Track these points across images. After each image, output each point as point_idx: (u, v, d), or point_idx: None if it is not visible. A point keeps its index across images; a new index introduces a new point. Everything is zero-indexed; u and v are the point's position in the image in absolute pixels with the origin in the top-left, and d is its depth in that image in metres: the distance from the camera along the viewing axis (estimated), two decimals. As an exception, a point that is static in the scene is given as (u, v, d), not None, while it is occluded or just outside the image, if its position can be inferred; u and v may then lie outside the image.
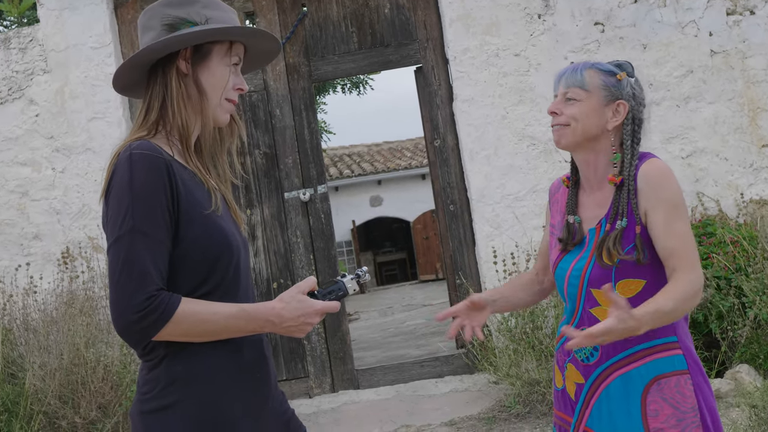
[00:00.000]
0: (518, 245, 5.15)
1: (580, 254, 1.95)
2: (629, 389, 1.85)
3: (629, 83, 1.96)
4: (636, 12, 5.31)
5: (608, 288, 1.70)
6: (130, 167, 1.52)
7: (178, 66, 1.65)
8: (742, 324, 4.34)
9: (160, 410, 1.53)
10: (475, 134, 5.29)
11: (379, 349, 7.73)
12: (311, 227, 5.46)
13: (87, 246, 5.29)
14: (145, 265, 1.48)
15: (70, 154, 5.36)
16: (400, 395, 5.24)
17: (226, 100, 1.69)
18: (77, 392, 4.51)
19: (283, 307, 1.57)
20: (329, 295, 1.66)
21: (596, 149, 1.95)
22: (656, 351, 1.86)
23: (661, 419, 1.82)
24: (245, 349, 1.62)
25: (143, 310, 1.46)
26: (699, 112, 5.28)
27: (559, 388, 2.03)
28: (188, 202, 1.56)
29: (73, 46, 5.35)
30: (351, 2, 5.53)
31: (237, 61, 1.71)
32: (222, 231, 1.60)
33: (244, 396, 1.60)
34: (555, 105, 1.96)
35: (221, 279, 1.59)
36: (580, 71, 1.95)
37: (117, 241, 1.50)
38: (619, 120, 1.93)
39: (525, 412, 4.55)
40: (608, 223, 1.90)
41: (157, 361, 1.55)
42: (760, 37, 5.28)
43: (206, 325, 1.52)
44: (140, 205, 1.50)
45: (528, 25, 5.31)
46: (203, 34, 1.64)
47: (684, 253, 1.82)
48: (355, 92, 9.19)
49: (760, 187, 5.22)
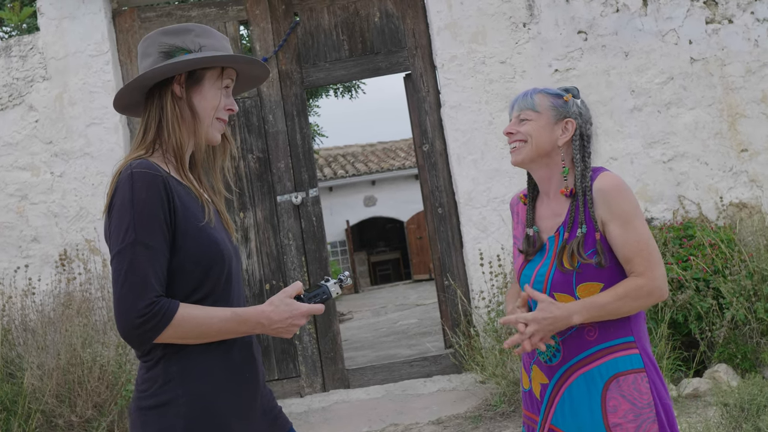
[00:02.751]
0: (504, 248, 5.29)
1: (542, 261, 2.11)
2: (590, 387, 2.00)
3: (575, 103, 2.14)
4: (618, 21, 5.46)
5: (528, 289, 2.00)
6: (132, 185, 1.67)
7: (173, 90, 1.80)
8: (720, 325, 4.49)
9: (157, 407, 1.67)
10: (462, 139, 5.44)
11: (371, 349, 7.86)
12: (303, 230, 5.60)
13: (84, 248, 5.42)
14: (146, 274, 1.63)
15: (69, 158, 5.49)
16: (389, 394, 5.38)
17: (217, 120, 1.84)
18: (74, 391, 4.63)
19: (272, 310, 1.72)
20: (314, 299, 1.81)
21: (549, 165, 2.13)
22: (614, 350, 2.01)
23: (620, 414, 1.96)
24: (236, 351, 1.76)
25: (145, 315, 1.61)
26: (680, 117, 5.43)
27: (526, 389, 2.18)
28: (184, 216, 1.71)
29: (72, 54, 5.48)
30: (342, 11, 5.67)
31: (228, 84, 1.86)
32: (215, 242, 1.75)
33: (235, 394, 1.74)
34: (510, 126, 2.16)
35: (214, 286, 1.74)
36: (531, 96, 2.15)
37: (120, 253, 1.65)
38: (568, 136, 2.11)
39: (510, 411, 4.69)
40: (566, 231, 2.06)
41: (155, 361, 1.70)
42: (738, 45, 5.44)
43: (202, 328, 1.67)
44: (141, 219, 1.65)
45: (513, 33, 5.46)
46: (195, 62, 1.79)
47: (639, 260, 1.99)
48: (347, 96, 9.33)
49: (739, 191, 5.37)
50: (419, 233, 17.93)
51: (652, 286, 1.97)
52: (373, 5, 5.67)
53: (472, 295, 5.37)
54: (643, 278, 1.97)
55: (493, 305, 5.06)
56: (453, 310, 5.52)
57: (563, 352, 2.04)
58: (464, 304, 5.42)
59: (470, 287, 5.41)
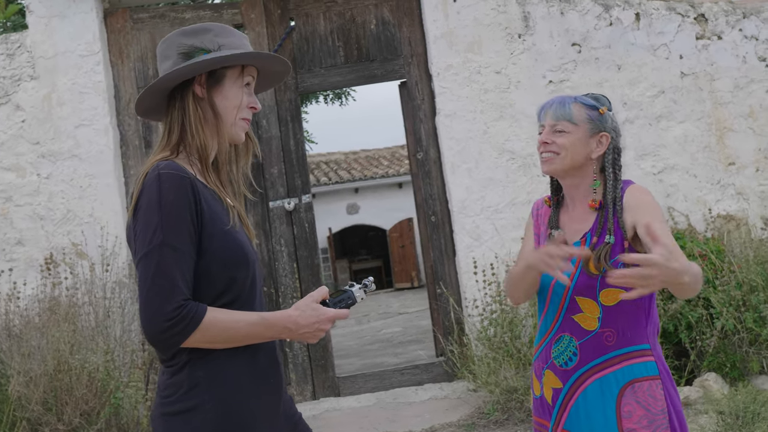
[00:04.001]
0: (498, 256, 5.31)
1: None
2: (605, 392, 2.01)
3: (610, 116, 2.14)
4: (611, 34, 5.51)
5: (583, 250, 1.90)
6: (159, 186, 1.64)
7: (194, 91, 1.78)
8: (710, 334, 4.53)
9: (182, 413, 1.64)
10: (456, 148, 5.45)
11: (357, 357, 7.83)
12: (295, 236, 5.57)
13: (71, 252, 5.34)
14: (174, 277, 1.60)
15: (56, 160, 5.41)
16: (380, 402, 5.36)
17: (240, 119, 1.81)
18: (61, 399, 4.54)
19: (299, 315, 1.70)
20: (339, 303, 1.79)
21: (580, 175, 2.13)
22: (631, 357, 2.02)
23: (634, 420, 1.97)
24: (261, 355, 1.74)
25: (173, 319, 1.58)
26: (670, 130, 5.50)
27: (537, 396, 2.18)
28: (210, 219, 1.69)
29: (61, 53, 5.41)
30: (338, 17, 5.67)
31: (250, 81, 1.83)
32: (241, 245, 1.72)
33: (260, 399, 1.72)
34: (546, 136, 2.13)
35: (240, 291, 1.71)
36: (568, 105, 2.12)
37: (147, 255, 1.61)
38: (602, 150, 2.12)
39: (503, 419, 4.69)
40: (594, 236, 2.06)
41: (180, 366, 1.66)
42: (727, 61, 5.52)
43: (229, 332, 1.64)
44: (168, 221, 1.62)
45: (509, 44, 5.49)
46: (215, 62, 1.76)
47: (677, 255, 1.84)
48: (337, 103, 9.32)
49: (726, 203, 5.44)
50: (401, 242, 17.93)
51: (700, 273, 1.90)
52: (370, 12, 5.67)
53: (465, 303, 5.37)
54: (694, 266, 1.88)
55: (487, 314, 5.07)
56: (445, 318, 5.52)
57: (580, 355, 2.04)
58: (457, 312, 5.42)
59: (463, 295, 5.42)
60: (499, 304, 5.03)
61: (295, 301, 5.39)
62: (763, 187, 5.46)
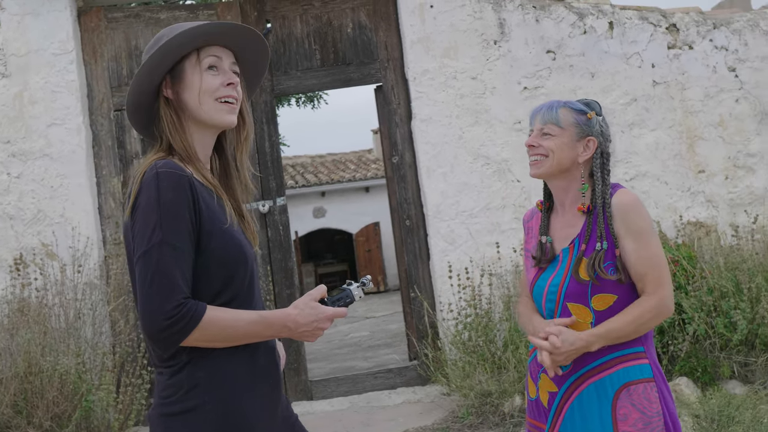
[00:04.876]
0: (472, 260, 5.34)
1: (555, 271, 2.13)
2: (601, 395, 2.04)
3: (598, 121, 2.18)
4: (585, 42, 5.60)
5: (553, 328, 2.05)
6: (158, 184, 1.62)
7: (165, 96, 1.77)
8: (682, 339, 4.62)
9: (182, 413, 1.62)
10: (432, 152, 5.47)
11: (326, 361, 7.81)
12: (269, 239, 5.54)
13: (41, 253, 5.24)
14: (174, 275, 1.59)
15: (27, 159, 5.31)
16: (354, 406, 5.35)
17: (214, 101, 1.75)
18: (31, 402, 4.45)
19: (298, 314, 1.69)
20: (338, 302, 1.78)
21: (568, 178, 2.16)
22: (625, 360, 2.05)
23: (630, 423, 2.00)
24: (260, 355, 1.73)
25: (173, 317, 1.57)
26: (642, 138, 5.59)
27: (532, 398, 2.21)
28: (209, 217, 1.68)
29: (34, 51, 5.31)
30: (315, 20, 5.66)
31: (213, 63, 1.76)
32: (239, 244, 1.72)
33: (260, 399, 1.71)
34: (533, 139, 2.17)
35: (238, 290, 1.70)
36: (555, 109, 2.17)
37: (146, 253, 1.60)
38: (589, 154, 2.15)
39: (478, 423, 4.72)
40: (582, 243, 2.09)
41: (180, 366, 1.65)
42: (698, 71, 5.64)
43: (229, 331, 1.63)
44: (168, 219, 1.61)
45: (484, 50, 5.54)
46: (153, 60, 1.72)
47: (651, 277, 2.04)
48: (309, 106, 9.29)
49: (696, 210, 5.56)
50: (368, 246, 17.94)
51: (662, 305, 2.03)
52: (346, 16, 5.68)
53: (439, 307, 5.39)
54: (654, 298, 2.02)
55: (462, 317, 5.09)
56: (419, 322, 5.53)
57: (574, 361, 2.07)
58: (431, 315, 5.44)
59: (437, 299, 5.44)
60: (474, 309, 5.07)
61: (269, 305, 5.37)
62: (732, 195, 5.59)
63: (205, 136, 1.79)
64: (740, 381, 4.63)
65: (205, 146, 1.81)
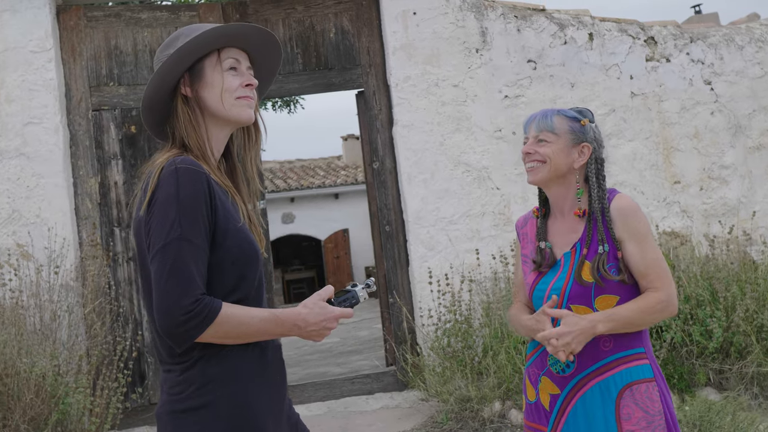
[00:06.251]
0: (452, 266, 5.37)
1: (557, 275, 2.16)
2: (605, 395, 2.08)
3: (591, 128, 2.23)
4: (565, 53, 5.68)
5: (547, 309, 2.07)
6: (177, 180, 1.62)
7: (183, 93, 1.77)
8: (659, 346, 4.69)
9: (193, 410, 1.61)
10: (413, 158, 5.50)
11: (299, 367, 7.77)
12: (249, 243, 5.50)
13: (16, 253, 5.13)
14: (191, 271, 1.58)
15: (2, 158, 5.20)
16: (331, 411, 5.33)
17: (235, 99, 1.77)
18: (6, 404, 4.36)
19: (308, 313, 1.70)
20: (344, 303, 1.79)
21: (564, 184, 2.21)
22: (628, 360, 2.09)
23: (633, 422, 2.04)
24: (269, 353, 1.74)
25: (189, 312, 1.56)
26: (619, 148, 5.69)
27: (532, 401, 2.23)
28: (224, 215, 1.68)
29: (11, 48, 5.22)
30: (297, 24, 5.66)
31: (233, 64, 1.79)
32: (252, 243, 1.72)
33: (269, 396, 1.71)
34: (529, 146, 2.22)
35: (249, 289, 1.70)
36: (550, 117, 2.22)
37: (164, 248, 1.59)
38: (584, 160, 2.20)
39: (457, 428, 4.73)
40: (584, 247, 2.13)
41: (192, 363, 1.64)
42: (674, 83, 5.76)
43: (242, 328, 1.63)
44: (186, 215, 1.60)
45: (466, 58, 5.59)
46: (175, 58, 1.73)
47: (655, 276, 2.09)
48: (285, 110, 9.26)
49: (671, 220, 5.66)
50: (336, 252, 17.91)
51: (668, 301, 2.08)
52: (329, 21, 5.68)
53: (419, 312, 5.41)
54: (663, 293, 2.07)
55: (441, 323, 5.11)
56: (397, 327, 5.54)
57: (577, 362, 2.10)
58: (409, 321, 5.45)
59: (416, 305, 5.45)
60: (454, 314, 5.09)
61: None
62: (706, 205, 5.71)
63: (220, 134, 1.80)
64: (715, 388, 4.72)
65: (219, 144, 1.81)
